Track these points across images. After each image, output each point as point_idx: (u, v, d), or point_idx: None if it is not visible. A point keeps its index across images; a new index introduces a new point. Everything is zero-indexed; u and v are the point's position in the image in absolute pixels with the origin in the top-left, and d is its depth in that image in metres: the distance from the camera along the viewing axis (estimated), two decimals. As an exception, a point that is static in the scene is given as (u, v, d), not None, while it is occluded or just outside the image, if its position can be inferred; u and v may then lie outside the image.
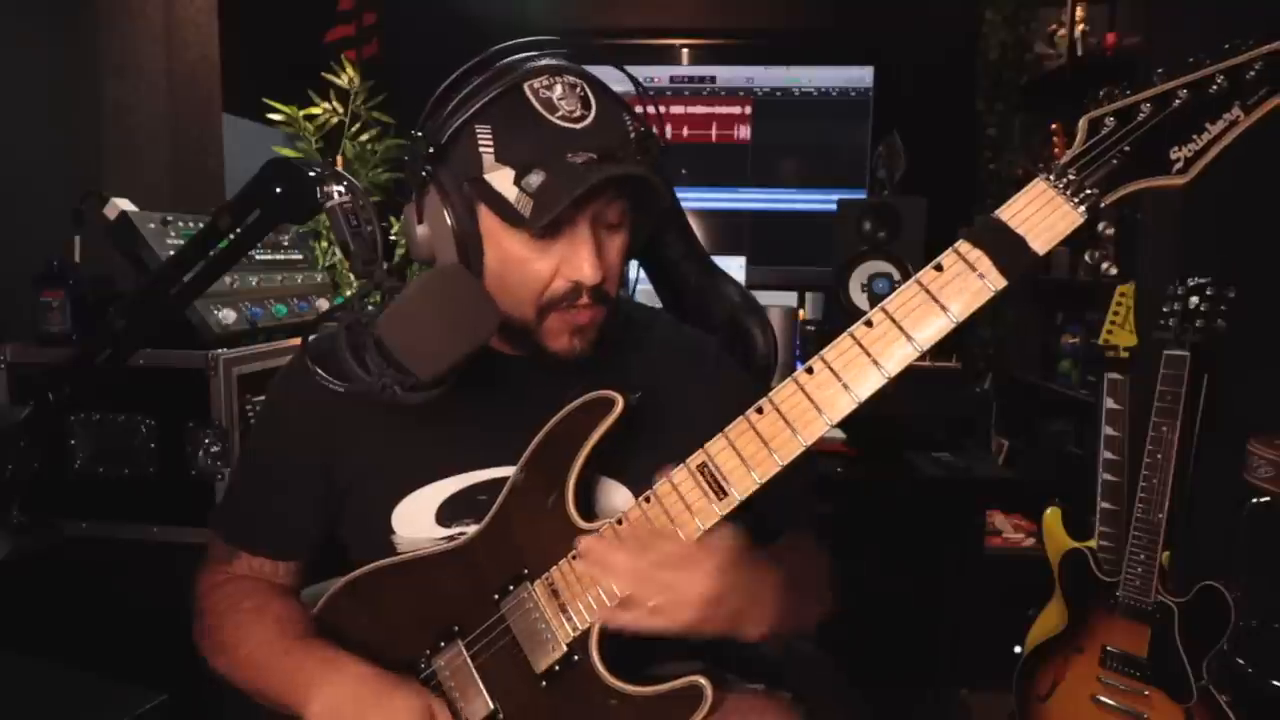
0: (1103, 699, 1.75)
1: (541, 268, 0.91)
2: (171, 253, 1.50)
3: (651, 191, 0.93)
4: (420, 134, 0.91)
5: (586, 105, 0.89)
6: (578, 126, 0.87)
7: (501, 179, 0.88)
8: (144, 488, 1.57)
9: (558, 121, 0.87)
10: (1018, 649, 1.94)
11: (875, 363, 0.77)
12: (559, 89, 0.88)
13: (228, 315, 1.60)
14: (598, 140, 0.87)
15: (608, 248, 0.93)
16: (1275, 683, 1.71)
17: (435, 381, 0.85)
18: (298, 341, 1.48)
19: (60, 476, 1.59)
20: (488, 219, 0.90)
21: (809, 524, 1.08)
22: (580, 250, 0.90)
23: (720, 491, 0.82)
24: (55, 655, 1.26)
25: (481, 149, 0.88)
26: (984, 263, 0.74)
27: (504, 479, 0.96)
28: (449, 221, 0.89)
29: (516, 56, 0.92)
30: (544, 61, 0.91)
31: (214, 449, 1.52)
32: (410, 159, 0.91)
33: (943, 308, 0.75)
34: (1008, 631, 2.02)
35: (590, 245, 0.90)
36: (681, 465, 0.85)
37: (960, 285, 0.74)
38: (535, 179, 0.85)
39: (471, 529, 0.97)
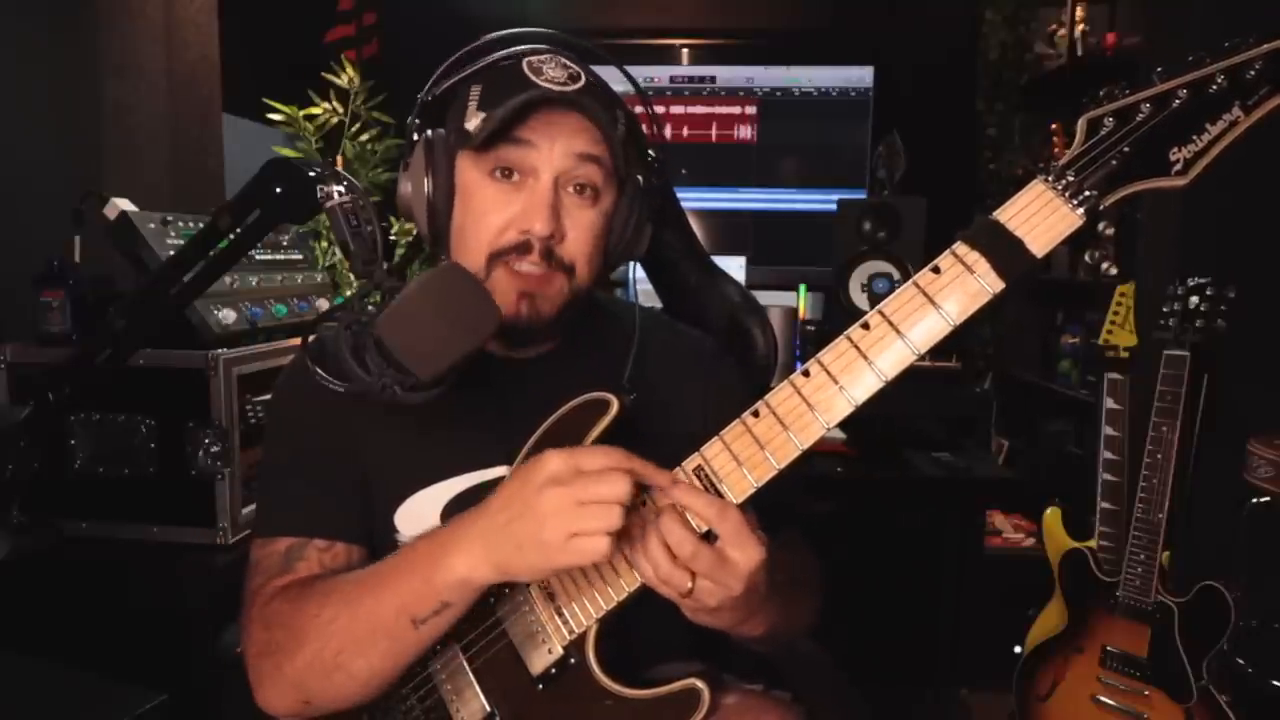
0: (1103, 699, 1.75)
1: (498, 218, 0.92)
2: (171, 253, 1.50)
3: (625, 167, 0.95)
4: (420, 97, 0.96)
5: (574, 79, 0.92)
6: (556, 88, 0.90)
7: (474, 121, 0.91)
8: (144, 488, 1.57)
9: (540, 82, 0.90)
10: (1018, 649, 1.94)
11: (872, 366, 0.76)
12: (553, 64, 0.93)
13: (228, 315, 1.60)
14: (573, 98, 0.90)
15: (574, 216, 0.94)
16: (1275, 683, 1.71)
17: (435, 381, 0.85)
18: (298, 341, 1.48)
19: (60, 476, 1.59)
20: (464, 171, 0.93)
21: (798, 527, 1.08)
22: (535, 200, 0.91)
23: (716, 495, 0.81)
24: (55, 655, 1.26)
25: (469, 102, 0.93)
26: (981, 265, 0.73)
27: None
28: (425, 179, 0.93)
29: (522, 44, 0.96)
30: (548, 45, 0.96)
31: (214, 449, 1.52)
32: (409, 118, 0.96)
33: (940, 310, 0.74)
34: (1008, 631, 2.02)
35: (547, 199, 0.91)
36: (677, 468, 0.84)
37: (957, 287, 0.73)
38: (495, 111, 0.89)
39: None
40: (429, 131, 0.94)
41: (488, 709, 0.93)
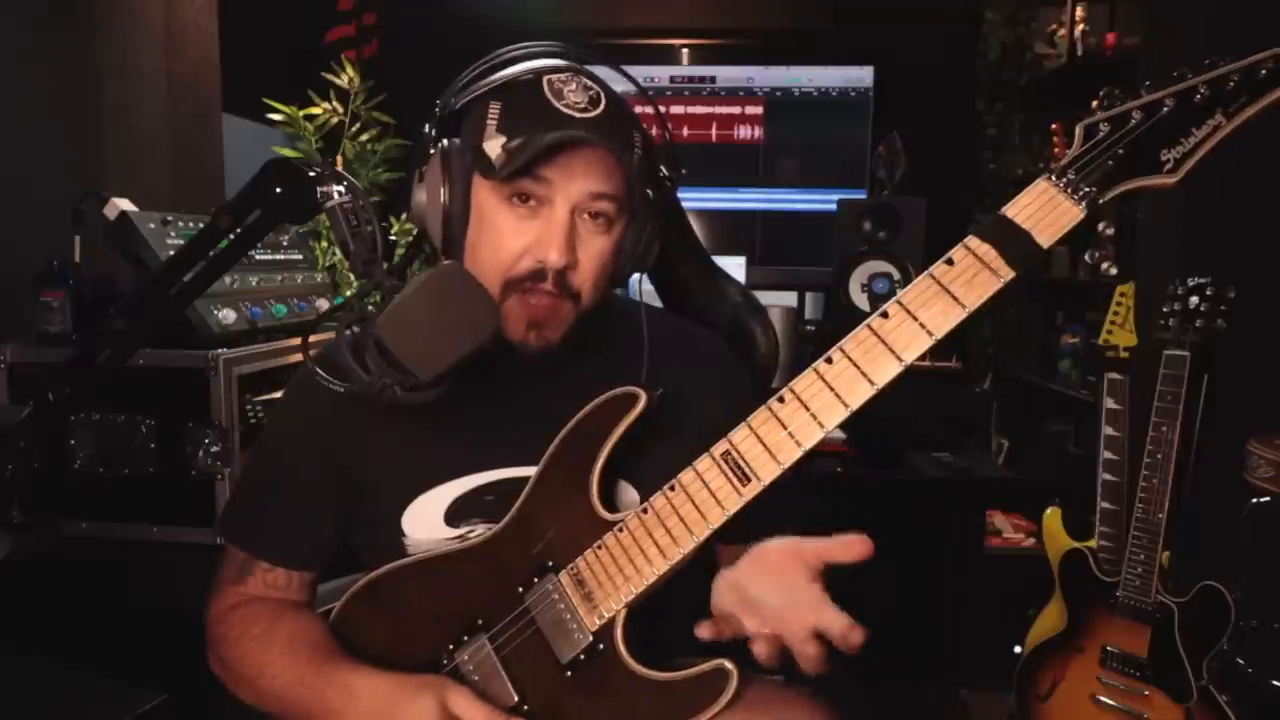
0: (1103, 699, 1.75)
1: (513, 244, 0.93)
2: (171, 253, 1.50)
3: (639, 197, 0.95)
4: (438, 104, 0.96)
5: (595, 103, 0.93)
6: (578, 115, 0.91)
7: (494, 145, 0.92)
8: (144, 488, 1.57)
9: (560, 107, 0.91)
10: (1018, 649, 1.94)
11: (892, 352, 0.81)
12: (573, 84, 0.93)
13: (228, 315, 1.60)
14: (594, 130, 0.90)
15: (587, 244, 0.95)
16: (1275, 683, 1.71)
17: (435, 381, 0.85)
18: (298, 341, 1.48)
19: (60, 476, 1.58)
20: (479, 191, 0.93)
21: (801, 522, 1.08)
22: (551, 230, 0.92)
23: (744, 477, 0.85)
24: (55, 655, 1.26)
25: (488, 121, 0.93)
26: (992, 255, 0.79)
27: (511, 479, 0.97)
28: (441, 191, 0.93)
29: (542, 59, 0.96)
30: (568, 63, 0.95)
31: (214, 449, 1.52)
32: (423, 126, 0.96)
33: (955, 298, 0.79)
34: (1008, 631, 2.02)
35: (563, 229, 0.92)
36: (705, 454, 0.87)
37: (971, 277, 0.79)
38: (517, 141, 0.90)
39: (480, 528, 0.97)
40: (445, 142, 0.94)
41: (515, 698, 0.94)
